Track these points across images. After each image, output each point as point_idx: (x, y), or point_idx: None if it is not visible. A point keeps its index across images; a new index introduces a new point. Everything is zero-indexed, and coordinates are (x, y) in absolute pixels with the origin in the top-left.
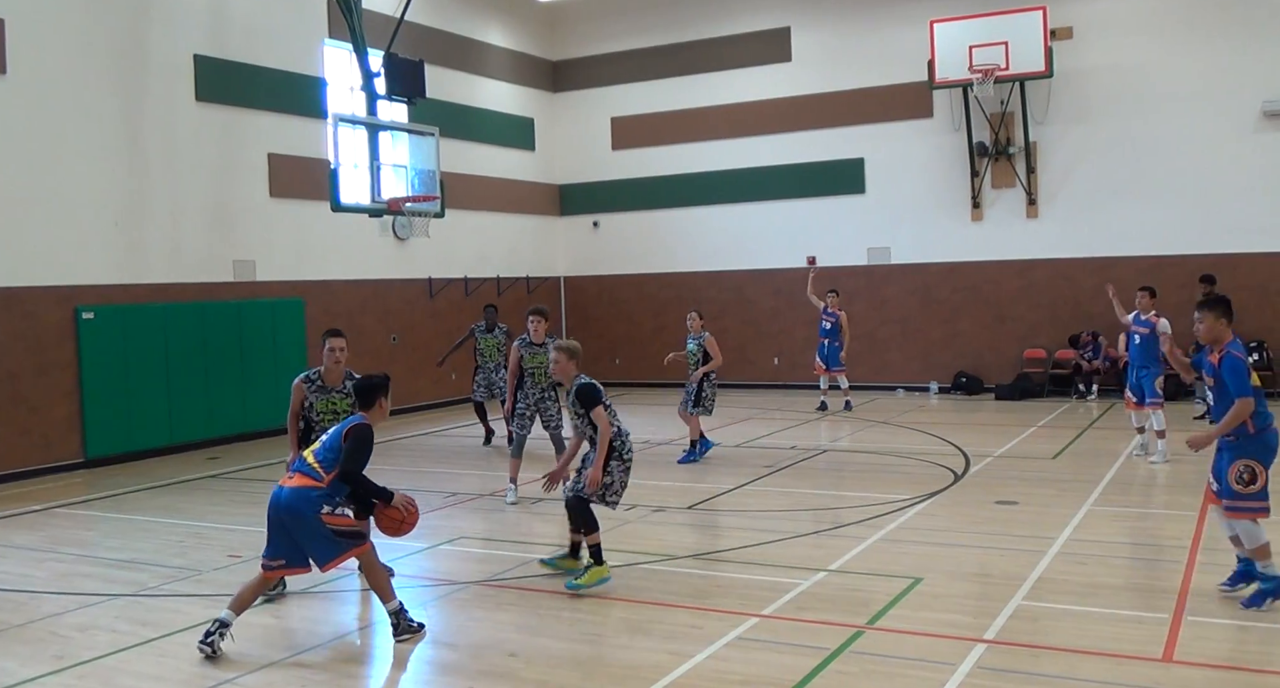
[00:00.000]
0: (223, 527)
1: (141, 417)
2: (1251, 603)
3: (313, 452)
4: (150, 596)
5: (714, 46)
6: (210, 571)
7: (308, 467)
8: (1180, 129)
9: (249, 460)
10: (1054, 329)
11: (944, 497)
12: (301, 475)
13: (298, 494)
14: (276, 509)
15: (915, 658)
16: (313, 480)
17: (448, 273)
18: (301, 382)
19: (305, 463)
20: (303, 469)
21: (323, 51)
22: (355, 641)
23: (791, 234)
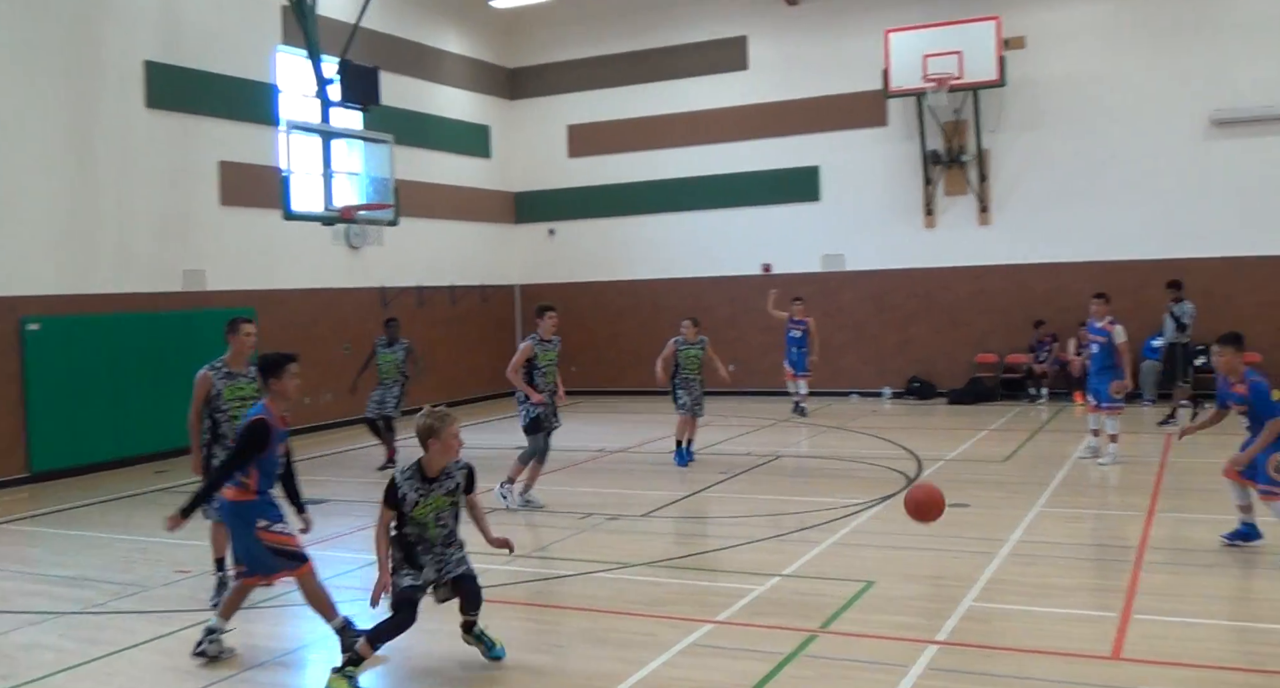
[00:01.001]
0: (171, 542)
1: (88, 430)
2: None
3: None
4: (97, 613)
5: (671, 54)
6: (158, 586)
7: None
8: (1130, 137)
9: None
10: (1006, 334)
11: (897, 500)
12: (232, 487)
13: (233, 509)
14: (223, 520)
15: (868, 661)
16: (242, 491)
17: (401, 281)
18: (208, 371)
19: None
20: (232, 481)
21: (276, 58)
22: (304, 656)
23: (747, 241)
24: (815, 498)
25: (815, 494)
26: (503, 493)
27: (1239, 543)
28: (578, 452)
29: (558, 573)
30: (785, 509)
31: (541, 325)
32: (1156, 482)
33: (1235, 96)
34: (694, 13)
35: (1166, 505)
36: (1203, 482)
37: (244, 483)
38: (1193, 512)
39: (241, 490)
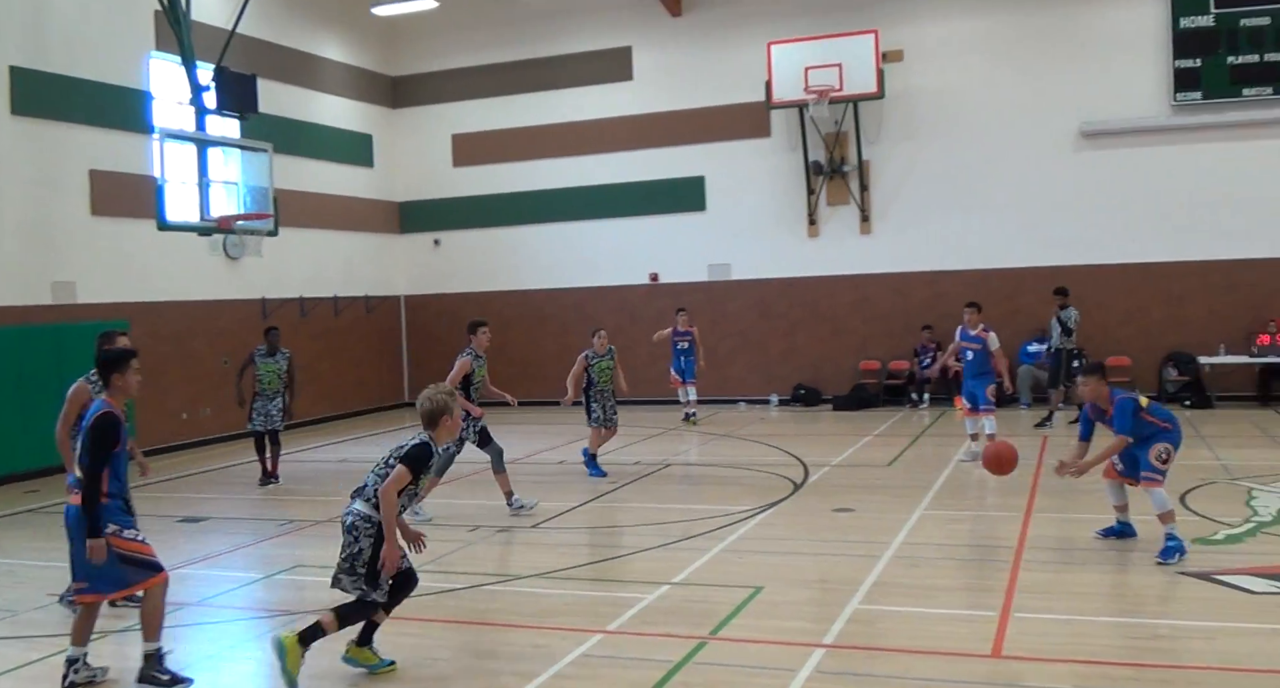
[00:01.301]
0: (41, 564)
1: None
2: (1166, 558)
3: (77, 459)
4: None
5: (556, 64)
6: (28, 611)
7: (80, 480)
8: (1004, 148)
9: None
10: (888, 341)
11: (784, 506)
12: (78, 491)
13: (79, 513)
14: (67, 528)
15: (757, 666)
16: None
17: (282, 293)
18: (84, 382)
19: (75, 477)
20: (77, 484)
21: (149, 64)
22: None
23: (634, 251)
24: (704, 505)
25: (704, 502)
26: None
27: (1111, 538)
28: (465, 463)
29: (446, 587)
30: (674, 517)
31: (476, 340)
32: (1033, 483)
33: (1103, 109)
34: (578, 23)
35: (1043, 505)
36: (1077, 482)
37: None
38: (1068, 511)
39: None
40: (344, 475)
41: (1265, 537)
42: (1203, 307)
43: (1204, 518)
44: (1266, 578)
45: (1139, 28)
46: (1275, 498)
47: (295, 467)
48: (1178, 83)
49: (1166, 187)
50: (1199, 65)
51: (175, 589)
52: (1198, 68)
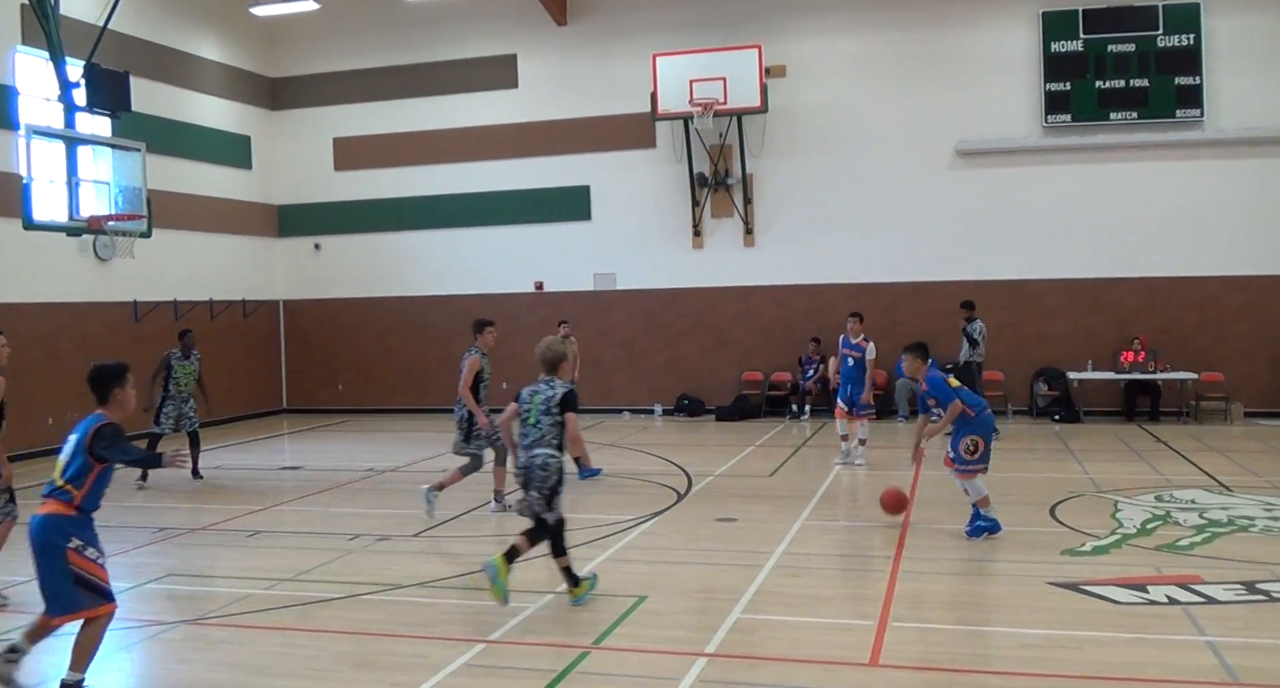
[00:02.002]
0: None
1: None
2: (973, 534)
3: (60, 471)
4: None
5: (440, 70)
6: None
7: (58, 489)
8: (882, 165)
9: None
10: (770, 352)
11: (668, 516)
12: (53, 501)
13: (48, 522)
14: (30, 536)
15: (639, 675)
16: (64, 505)
17: (155, 296)
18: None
19: (53, 484)
20: (54, 494)
21: (14, 58)
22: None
23: (519, 259)
24: (588, 514)
25: (588, 511)
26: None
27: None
28: (344, 472)
29: (323, 596)
30: None
31: (481, 339)
32: (910, 494)
33: (978, 129)
34: (463, 29)
35: (919, 516)
36: (953, 493)
37: (69, 493)
38: (944, 522)
39: (64, 504)
40: (220, 483)
41: (1130, 549)
42: (1071, 323)
43: (1071, 530)
44: (1131, 589)
45: (1013, 50)
46: (1139, 511)
47: (168, 474)
48: (1049, 105)
49: (1037, 205)
50: (1069, 88)
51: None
52: (1068, 91)
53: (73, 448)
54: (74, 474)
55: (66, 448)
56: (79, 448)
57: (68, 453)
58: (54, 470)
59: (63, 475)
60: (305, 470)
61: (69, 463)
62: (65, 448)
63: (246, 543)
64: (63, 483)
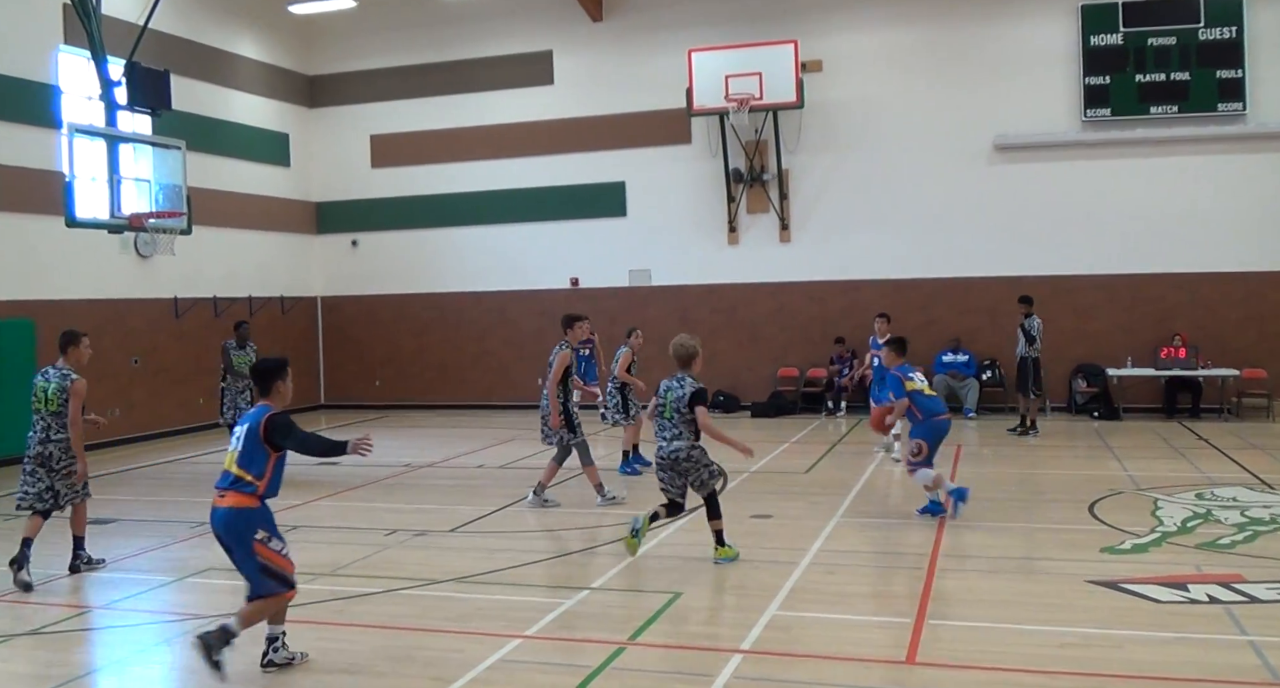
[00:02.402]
0: None
1: None
2: (921, 512)
3: (234, 460)
4: None
5: (476, 67)
6: None
7: (238, 481)
8: (919, 160)
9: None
10: (805, 349)
11: (703, 512)
12: (235, 493)
13: (234, 515)
14: (215, 528)
15: (674, 672)
16: (247, 497)
17: (195, 292)
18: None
19: (230, 475)
20: (234, 486)
21: (57, 58)
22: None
23: (554, 255)
24: (623, 510)
25: (623, 507)
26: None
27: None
28: (381, 467)
29: (361, 591)
30: (592, 522)
31: (571, 334)
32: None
33: (1016, 124)
34: (499, 26)
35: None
36: (989, 492)
37: (250, 484)
38: (979, 520)
39: (248, 496)
40: None
41: (1170, 547)
42: (1110, 320)
43: (1111, 528)
44: (1171, 587)
45: (1052, 44)
46: (1180, 509)
47: (208, 468)
48: (1088, 99)
49: (1076, 201)
50: (1108, 82)
51: (84, 592)
52: (1107, 85)
53: (246, 439)
54: (253, 465)
55: (237, 440)
56: (254, 438)
57: (240, 444)
58: (226, 461)
59: (239, 466)
60: (342, 465)
61: (244, 454)
62: (236, 439)
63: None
64: (241, 473)
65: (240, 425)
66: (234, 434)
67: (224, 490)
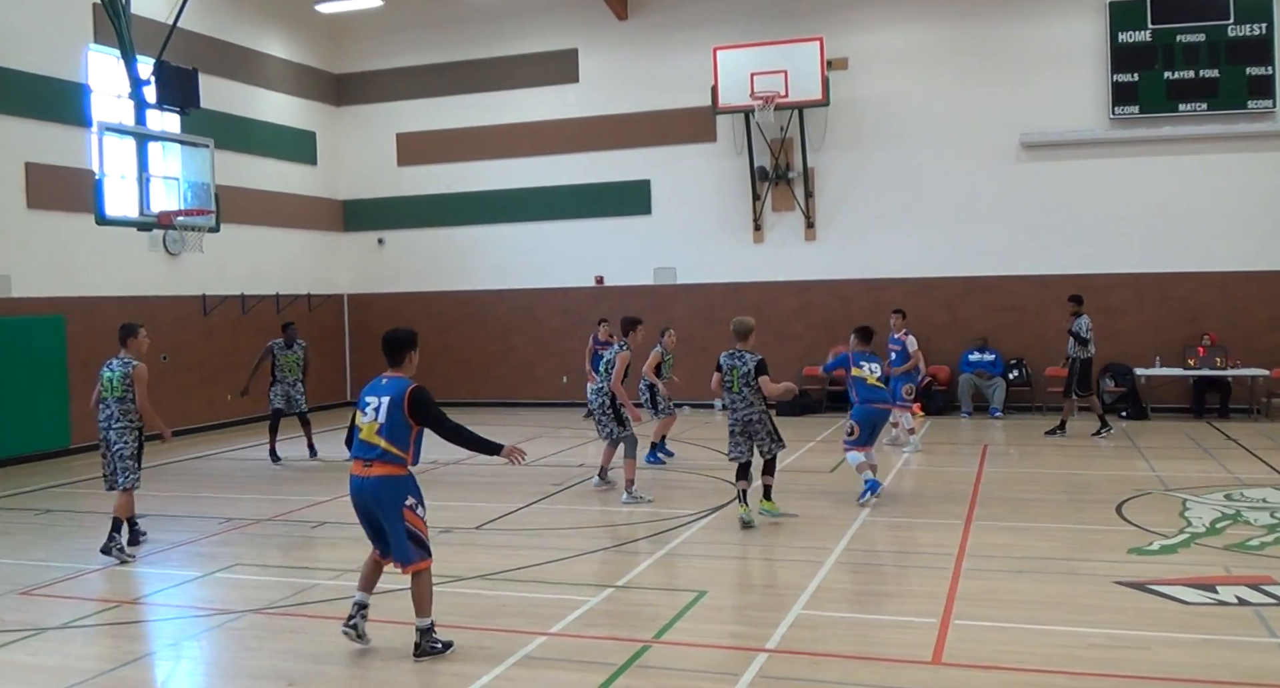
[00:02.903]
0: None
1: None
2: (860, 497)
3: (375, 431)
4: None
5: (502, 65)
6: None
7: (384, 452)
8: (945, 158)
9: (4, 487)
10: (830, 347)
11: (728, 511)
12: (381, 463)
13: (384, 483)
14: (363, 497)
15: (700, 670)
16: (396, 467)
17: (223, 290)
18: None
19: (377, 447)
20: (380, 457)
21: (87, 56)
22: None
23: (579, 253)
24: (647, 509)
25: (648, 505)
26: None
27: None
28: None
29: (387, 587)
30: (618, 520)
31: (632, 337)
32: (974, 491)
33: (1043, 121)
34: (525, 24)
35: (982, 514)
36: (1015, 491)
37: (397, 456)
38: (1006, 520)
39: (396, 466)
40: (286, 474)
41: (1199, 548)
42: (1138, 319)
43: (1139, 528)
44: (1199, 589)
45: (1079, 41)
46: (1208, 510)
47: (236, 464)
48: (1115, 96)
49: (1104, 199)
50: (1136, 80)
51: (112, 586)
52: (1135, 82)
53: (389, 411)
54: (397, 439)
55: (376, 410)
56: (397, 411)
57: (383, 416)
58: (365, 432)
59: (385, 439)
60: None
61: (388, 427)
62: (373, 410)
63: (312, 534)
64: (388, 446)
65: (376, 396)
66: (367, 405)
67: (370, 461)
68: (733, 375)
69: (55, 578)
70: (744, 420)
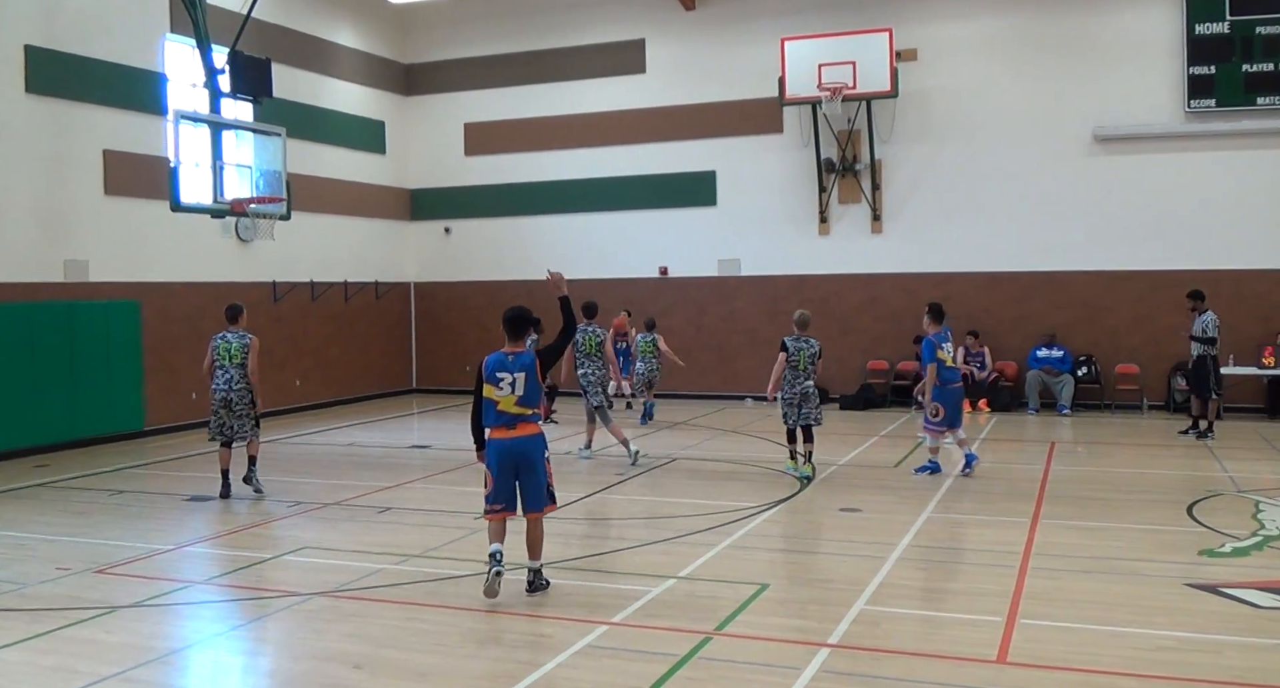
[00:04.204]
0: (49, 538)
1: None
2: (918, 471)
3: (515, 402)
4: None
5: (569, 56)
6: (35, 584)
7: (530, 415)
8: (1016, 151)
9: (80, 468)
10: (896, 341)
11: (790, 504)
12: (525, 424)
13: (533, 440)
14: (513, 456)
15: (761, 663)
16: (536, 425)
17: (293, 276)
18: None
19: (522, 415)
20: (526, 419)
21: (164, 46)
22: (190, 656)
23: (644, 244)
24: (710, 501)
25: (710, 497)
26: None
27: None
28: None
29: (450, 573)
30: (680, 512)
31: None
32: (1040, 489)
33: (1117, 114)
34: (592, 15)
35: (1049, 512)
36: (1083, 490)
37: (540, 416)
38: (1073, 519)
39: (537, 425)
40: (353, 459)
41: (1272, 551)
42: None
43: (1210, 530)
44: (1272, 592)
45: (1154, 32)
46: None
47: (304, 449)
48: (1192, 89)
49: (1178, 194)
50: (1213, 72)
51: (182, 567)
52: (1212, 75)
53: (527, 383)
54: (532, 401)
55: (511, 385)
56: (533, 379)
57: (521, 388)
58: (503, 405)
59: (524, 405)
60: (434, 449)
61: (524, 395)
62: (508, 385)
63: (377, 519)
64: (523, 410)
65: (509, 372)
66: (500, 380)
67: (514, 424)
68: (800, 356)
69: (129, 557)
70: (804, 392)
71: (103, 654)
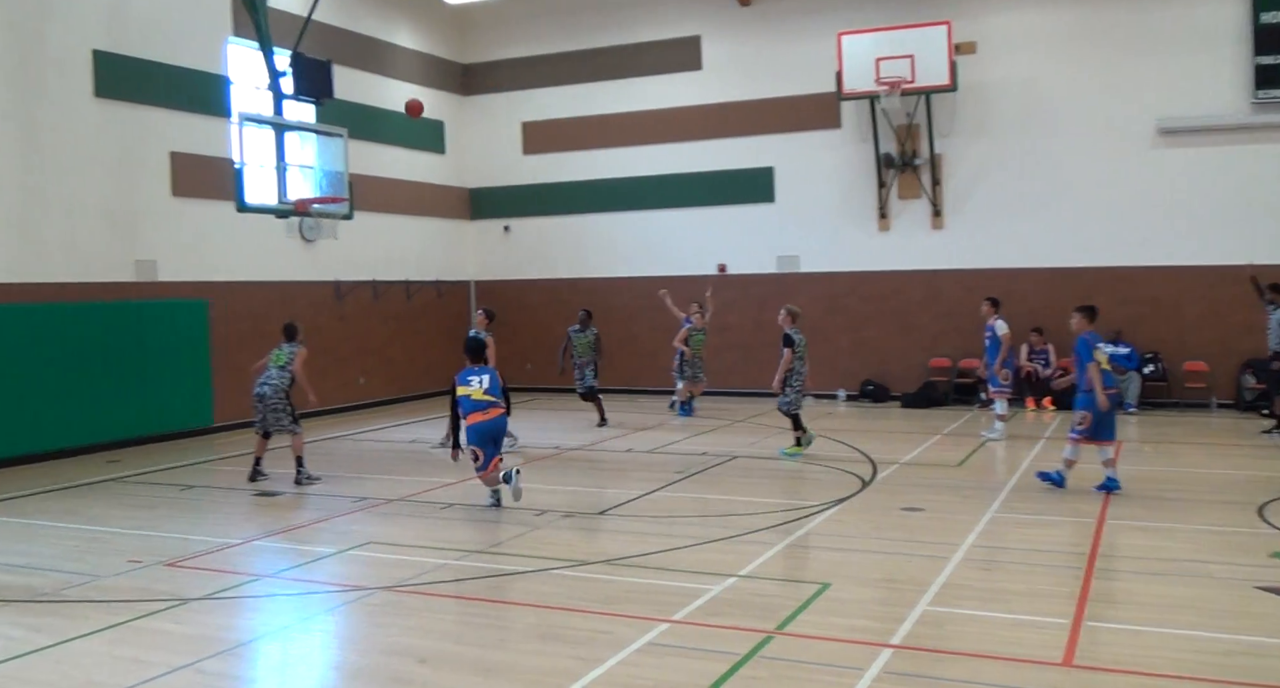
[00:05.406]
0: (123, 531)
1: (40, 418)
2: (1042, 477)
3: (484, 392)
4: (46, 601)
5: (625, 53)
6: (109, 576)
7: (494, 402)
8: (1078, 145)
9: (150, 463)
10: (958, 338)
11: (852, 503)
12: (495, 408)
13: (501, 420)
14: (491, 432)
15: (823, 663)
16: (502, 409)
17: (355, 276)
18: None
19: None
20: (493, 405)
21: (227, 49)
22: (258, 648)
23: (702, 241)
24: (771, 499)
25: (771, 496)
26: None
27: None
28: (532, 448)
29: (512, 569)
30: (741, 510)
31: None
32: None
33: (1181, 106)
34: (648, 12)
35: (1116, 513)
36: (1150, 490)
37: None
38: (1140, 520)
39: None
40: (416, 456)
41: None
42: None
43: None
44: None
45: (1219, 22)
46: None
47: (367, 446)
48: (1259, 79)
49: (1246, 186)
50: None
51: (248, 562)
52: (1279, 65)
53: (490, 380)
54: (496, 391)
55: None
56: (494, 380)
57: (485, 384)
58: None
59: (489, 393)
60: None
61: (491, 387)
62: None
63: (440, 515)
64: (494, 398)
65: (477, 376)
66: (470, 381)
67: (486, 408)
68: (802, 348)
69: (198, 551)
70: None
71: (174, 645)
